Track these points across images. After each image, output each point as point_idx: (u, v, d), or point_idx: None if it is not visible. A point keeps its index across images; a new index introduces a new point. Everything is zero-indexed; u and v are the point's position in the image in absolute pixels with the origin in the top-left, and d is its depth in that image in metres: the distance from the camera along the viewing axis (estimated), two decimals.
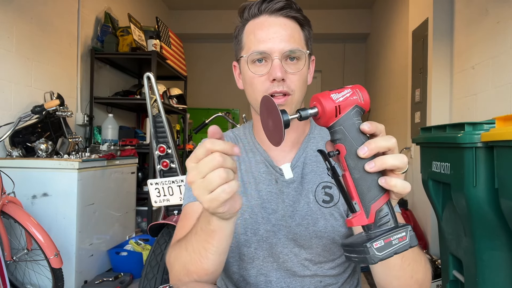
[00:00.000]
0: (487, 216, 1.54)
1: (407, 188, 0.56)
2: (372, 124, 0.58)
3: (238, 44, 0.92)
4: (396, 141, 0.57)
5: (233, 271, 0.96)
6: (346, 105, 0.58)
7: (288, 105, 0.86)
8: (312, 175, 0.92)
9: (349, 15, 6.01)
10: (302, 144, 0.95)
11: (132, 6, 4.56)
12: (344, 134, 0.57)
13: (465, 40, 2.73)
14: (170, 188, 1.98)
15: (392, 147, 0.57)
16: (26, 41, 2.76)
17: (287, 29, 0.86)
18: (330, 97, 0.57)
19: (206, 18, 6.13)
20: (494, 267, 1.57)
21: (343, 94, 0.58)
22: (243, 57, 0.88)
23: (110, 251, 2.79)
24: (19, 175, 2.21)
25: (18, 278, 2.30)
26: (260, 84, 0.86)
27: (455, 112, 2.87)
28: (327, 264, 0.92)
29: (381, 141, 0.56)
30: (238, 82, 0.97)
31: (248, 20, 0.89)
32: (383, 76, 5.10)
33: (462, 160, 1.59)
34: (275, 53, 0.84)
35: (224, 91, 6.48)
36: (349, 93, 0.58)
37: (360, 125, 0.58)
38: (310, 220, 0.90)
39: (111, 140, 3.28)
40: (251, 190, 0.93)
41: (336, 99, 0.57)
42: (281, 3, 0.86)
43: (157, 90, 2.05)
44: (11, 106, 2.61)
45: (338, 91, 0.58)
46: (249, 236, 0.91)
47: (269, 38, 0.84)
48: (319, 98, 0.58)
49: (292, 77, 0.86)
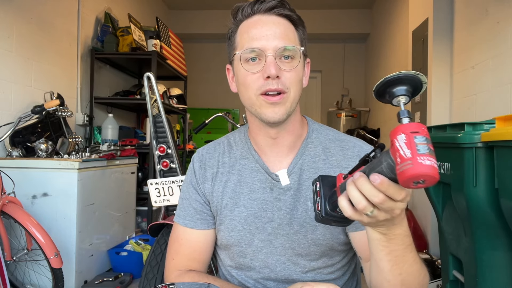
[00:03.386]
0: (487, 216, 1.54)
1: (358, 204, 0.59)
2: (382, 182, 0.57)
3: (231, 45, 0.90)
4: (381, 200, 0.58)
5: (233, 276, 0.96)
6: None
7: (283, 103, 0.83)
8: (310, 182, 0.89)
9: (349, 15, 6.01)
10: (300, 149, 0.92)
11: (132, 6, 4.56)
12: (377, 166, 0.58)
13: (465, 40, 2.73)
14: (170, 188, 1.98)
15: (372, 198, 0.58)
16: (26, 41, 2.76)
17: (281, 27, 0.84)
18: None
19: (206, 18, 6.13)
20: (494, 267, 1.57)
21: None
22: (236, 54, 0.85)
23: (110, 251, 2.79)
24: (19, 175, 2.20)
25: (18, 278, 2.30)
26: (253, 82, 0.83)
27: (455, 112, 2.87)
28: (326, 269, 0.92)
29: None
30: (231, 85, 0.94)
31: (241, 21, 0.88)
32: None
33: (462, 160, 1.59)
34: (269, 50, 0.82)
35: (224, 91, 6.46)
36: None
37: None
38: (308, 228, 0.88)
39: (111, 140, 3.28)
40: (244, 200, 0.91)
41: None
42: (274, 2, 0.85)
43: (157, 90, 2.05)
44: (11, 106, 2.61)
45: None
46: (244, 247, 0.90)
47: (263, 36, 0.83)
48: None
49: (286, 74, 0.83)
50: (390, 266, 0.71)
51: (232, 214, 0.91)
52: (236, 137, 0.99)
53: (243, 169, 0.93)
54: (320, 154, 0.92)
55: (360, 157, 0.89)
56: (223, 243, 0.94)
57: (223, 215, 0.92)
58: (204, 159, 0.97)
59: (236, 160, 0.95)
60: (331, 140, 0.94)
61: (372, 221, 0.62)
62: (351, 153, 0.91)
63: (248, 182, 0.92)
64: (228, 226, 0.91)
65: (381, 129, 5.15)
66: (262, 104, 0.83)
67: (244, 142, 0.96)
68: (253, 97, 0.84)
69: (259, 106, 0.84)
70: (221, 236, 0.93)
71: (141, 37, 3.71)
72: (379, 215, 0.60)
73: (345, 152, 0.92)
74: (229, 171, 0.94)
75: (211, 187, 0.94)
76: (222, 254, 0.97)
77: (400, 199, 0.57)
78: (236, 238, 0.90)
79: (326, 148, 0.93)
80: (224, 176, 0.94)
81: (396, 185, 0.56)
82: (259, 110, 0.84)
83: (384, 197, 0.57)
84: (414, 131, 0.51)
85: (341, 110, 5.90)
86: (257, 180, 0.91)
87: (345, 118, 5.78)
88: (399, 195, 0.56)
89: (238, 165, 0.94)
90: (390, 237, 0.67)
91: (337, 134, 0.96)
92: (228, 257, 0.95)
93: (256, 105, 0.84)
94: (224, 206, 0.92)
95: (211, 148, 0.99)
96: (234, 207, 0.91)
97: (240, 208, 0.90)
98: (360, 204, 0.58)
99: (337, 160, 0.91)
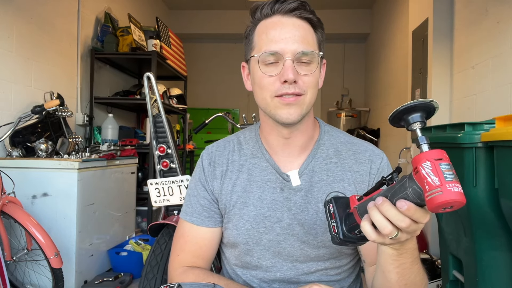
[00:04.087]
0: (487, 216, 1.54)
1: (384, 229, 0.61)
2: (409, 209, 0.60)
3: (248, 44, 0.89)
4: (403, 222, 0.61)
5: (238, 275, 0.96)
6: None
7: (299, 105, 0.83)
8: (322, 184, 0.89)
9: (349, 15, 6.01)
10: (312, 151, 0.92)
11: (132, 6, 4.56)
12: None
13: (465, 40, 2.73)
14: (170, 188, 1.98)
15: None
16: (26, 41, 2.76)
17: (300, 30, 0.84)
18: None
19: (206, 18, 6.13)
20: (494, 267, 1.57)
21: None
22: (254, 57, 0.85)
23: (110, 251, 2.79)
24: (19, 175, 2.21)
25: (18, 278, 2.30)
26: (270, 85, 0.83)
27: (455, 112, 2.87)
28: (333, 270, 0.92)
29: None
30: (246, 83, 0.94)
31: (260, 20, 0.87)
32: (383, 76, 5.10)
33: (462, 160, 1.59)
34: (288, 53, 0.81)
35: (224, 91, 6.48)
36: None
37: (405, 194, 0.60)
38: (319, 230, 0.88)
39: (111, 140, 3.28)
40: (253, 199, 0.91)
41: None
42: (295, 4, 0.84)
43: (157, 90, 2.05)
44: (11, 106, 2.61)
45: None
46: (251, 246, 0.90)
47: (282, 38, 0.82)
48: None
49: (304, 78, 0.83)
50: (397, 277, 0.74)
51: (240, 213, 0.91)
52: (246, 136, 0.99)
53: (253, 168, 0.93)
54: (332, 156, 0.92)
55: (372, 161, 0.91)
56: (230, 241, 0.93)
57: (232, 213, 0.92)
58: (214, 156, 0.97)
59: (246, 159, 0.95)
60: (342, 143, 0.95)
61: (394, 243, 0.65)
62: (363, 157, 0.92)
63: (258, 181, 0.92)
64: (236, 224, 0.91)
65: (381, 129, 5.15)
66: (277, 105, 0.84)
67: (255, 141, 0.96)
68: (268, 99, 0.84)
69: (274, 108, 0.84)
70: (229, 234, 0.93)
71: (141, 37, 3.71)
72: (402, 237, 0.63)
73: (357, 156, 0.93)
74: (238, 170, 0.94)
75: (220, 185, 0.94)
76: (228, 252, 0.97)
77: (425, 222, 0.60)
78: (244, 237, 0.90)
79: (338, 151, 0.93)
80: (233, 174, 0.94)
81: (422, 209, 0.59)
82: (273, 112, 0.85)
83: (410, 222, 0.60)
84: (438, 158, 0.55)
85: (341, 110, 5.90)
86: (267, 180, 0.91)
87: (345, 118, 5.78)
88: (424, 218, 0.60)
89: (248, 163, 0.94)
90: (402, 252, 0.70)
91: (349, 137, 0.98)
92: (234, 255, 0.95)
93: (270, 106, 0.85)
94: (233, 205, 0.92)
95: (221, 145, 0.99)
96: (243, 206, 0.91)
97: (249, 207, 0.90)
98: (386, 229, 0.61)
99: (349, 164, 0.92)
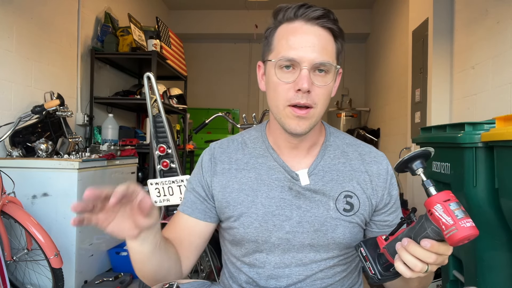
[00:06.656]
0: (487, 216, 1.54)
1: (415, 267, 0.69)
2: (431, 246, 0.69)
3: (267, 46, 0.89)
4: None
5: (243, 273, 0.96)
6: None
7: (309, 118, 0.84)
8: (333, 183, 0.91)
9: (349, 15, 6.01)
10: (320, 152, 0.94)
11: (132, 6, 4.56)
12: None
13: (465, 40, 2.73)
14: (170, 188, 1.98)
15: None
16: (26, 41, 2.76)
17: (321, 39, 0.84)
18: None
19: (206, 18, 6.12)
20: (494, 267, 1.57)
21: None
22: (271, 61, 0.85)
23: (110, 251, 2.79)
24: (19, 175, 2.21)
25: (18, 278, 2.30)
26: (284, 92, 0.84)
27: (455, 112, 2.87)
28: (339, 267, 0.94)
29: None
30: (260, 83, 0.95)
31: (281, 22, 0.87)
32: (383, 76, 5.10)
33: (462, 160, 1.59)
34: (305, 62, 0.81)
35: (224, 91, 6.48)
36: None
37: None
38: (329, 227, 0.89)
39: (111, 140, 3.28)
40: (261, 198, 0.91)
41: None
42: (319, 12, 0.84)
43: (157, 90, 2.05)
44: (11, 106, 2.61)
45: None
46: (260, 243, 0.91)
47: (301, 46, 0.82)
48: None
49: (317, 90, 0.83)
50: (417, 283, 0.87)
51: (249, 211, 0.91)
52: (252, 135, 1.00)
53: (260, 167, 0.94)
54: (340, 157, 0.95)
55: (377, 162, 0.96)
56: (237, 239, 0.93)
57: (239, 212, 0.92)
58: (216, 153, 0.98)
59: (251, 158, 0.95)
60: (348, 145, 0.98)
61: (426, 274, 0.72)
62: (368, 158, 0.96)
63: (266, 180, 0.92)
64: (244, 222, 0.91)
65: (381, 129, 5.15)
66: (288, 115, 0.85)
67: (262, 140, 0.97)
68: (280, 107, 0.86)
69: (285, 117, 0.86)
70: (235, 232, 0.93)
71: (141, 37, 3.71)
72: (432, 268, 0.70)
73: (363, 157, 0.96)
74: (243, 168, 0.94)
75: (220, 182, 0.94)
76: (233, 249, 0.97)
77: (449, 254, 0.69)
78: (252, 235, 0.91)
79: (344, 152, 0.96)
80: (238, 173, 0.94)
81: (444, 243, 0.68)
82: (283, 120, 0.86)
83: (436, 256, 0.68)
84: (446, 199, 0.65)
85: (341, 110, 5.90)
86: (275, 179, 0.92)
87: (345, 118, 5.78)
88: (448, 251, 0.69)
89: (254, 163, 0.94)
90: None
91: (352, 139, 1.01)
92: (241, 253, 0.95)
93: (281, 114, 0.86)
94: (240, 203, 0.92)
95: (224, 143, 1.00)
96: (251, 204, 0.91)
97: (258, 206, 0.91)
98: (417, 267, 0.69)
99: (356, 164, 0.94)
